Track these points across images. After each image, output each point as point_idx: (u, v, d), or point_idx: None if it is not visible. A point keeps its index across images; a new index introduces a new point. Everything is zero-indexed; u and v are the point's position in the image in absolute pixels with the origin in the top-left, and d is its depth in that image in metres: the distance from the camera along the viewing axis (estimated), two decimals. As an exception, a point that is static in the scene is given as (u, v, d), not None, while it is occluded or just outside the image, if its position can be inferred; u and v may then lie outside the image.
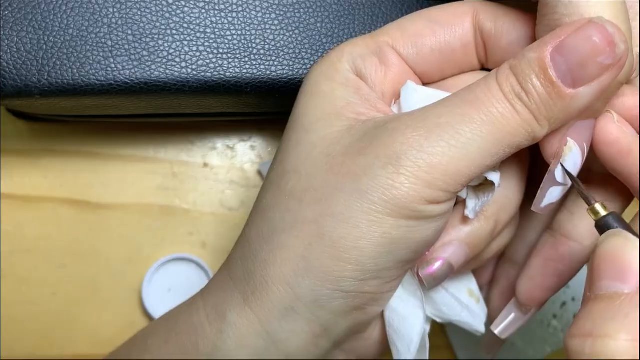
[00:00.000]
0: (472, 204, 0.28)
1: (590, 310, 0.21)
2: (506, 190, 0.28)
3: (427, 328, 0.31)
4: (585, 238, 0.29)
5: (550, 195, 0.26)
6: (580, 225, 0.29)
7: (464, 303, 0.31)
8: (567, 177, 0.26)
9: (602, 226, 0.24)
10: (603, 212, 0.24)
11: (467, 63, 0.28)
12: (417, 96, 0.28)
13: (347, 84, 0.27)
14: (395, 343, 0.28)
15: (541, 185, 0.26)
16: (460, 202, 0.28)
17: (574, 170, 0.26)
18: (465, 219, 0.28)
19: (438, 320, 0.31)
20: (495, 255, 0.31)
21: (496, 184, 0.27)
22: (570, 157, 0.25)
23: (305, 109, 0.28)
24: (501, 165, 0.28)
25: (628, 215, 0.30)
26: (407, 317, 0.28)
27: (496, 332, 0.32)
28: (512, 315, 0.32)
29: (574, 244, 0.29)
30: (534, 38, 0.26)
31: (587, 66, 0.23)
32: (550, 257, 0.30)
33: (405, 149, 0.25)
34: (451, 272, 0.28)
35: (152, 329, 0.31)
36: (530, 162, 0.30)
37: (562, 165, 0.25)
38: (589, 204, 0.25)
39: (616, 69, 0.23)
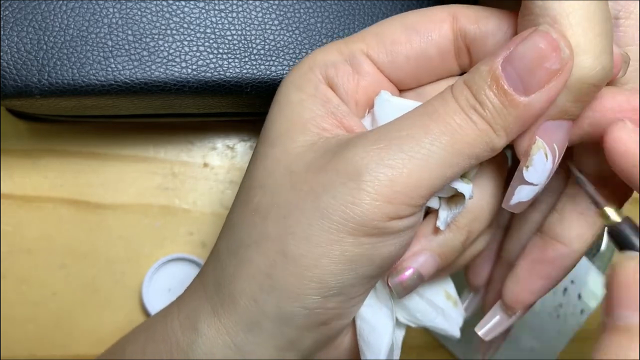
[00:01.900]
0: (443, 214, 0.28)
1: (611, 342, 0.21)
2: (480, 200, 0.28)
3: (401, 334, 0.31)
4: (574, 241, 0.29)
5: (519, 193, 0.26)
6: (569, 228, 0.29)
7: (439, 307, 0.31)
8: (537, 177, 0.26)
9: (614, 234, 0.24)
10: (615, 217, 0.24)
11: (445, 70, 0.28)
12: (390, 106, 0.27)
13: (316, 95, 0.27)
14: (364, 352, 0.29)
15: (510, 183, 0.27)
16: (433, 212, 0.28)
17: (544, 171, 0.26)
18: (437, 230, 0.28)
19: (413, 325, 0.31)
20: (469, 262, 0.31)
21: (467, 196, 0.27)
22: (539, 156, 0.25)
23: (273, 121, 0.28)
24: (475, 176, 0.28)
25: (628, 213, 0.29)
26: (376, 327, 0.28)
27: (480, 333, 0.32)
28: (496, 318, 0.31)
29: (563, 247, 0.29)
30: None
31: (535, 73, 0.24)
32: (538, 259, 0.30)
33: (366, 163, 0.25)
34: (421, 282, 0.28)
35: (132, 336, 0.32)
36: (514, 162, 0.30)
37: (572, 167, 0.25)
38: (598, 206, 0.24)
39: (564, 73, 0.24)
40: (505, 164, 0.29)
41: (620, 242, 0.24)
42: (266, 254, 0.26)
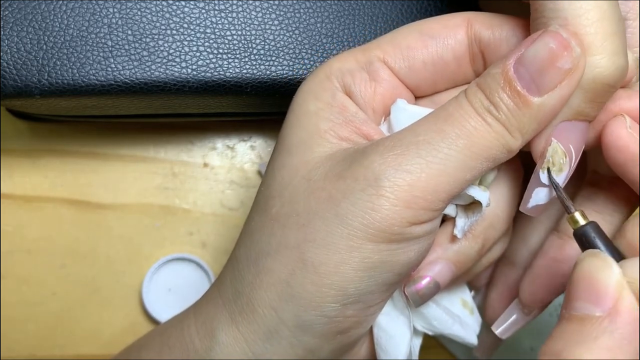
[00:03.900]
0: (461, 223, 0.28)
1: (563, 329, 0.22)
2: (495, 208, 0.28)
3: (419, 342, 0.31)
4: None
5: (537, 196, 0.26)
6: None
7: (456, 315, 0.31)
8: (555, 179, 0.26)
9: (579, 236, 0.25)
10: (582, 221, 0.25)
11: (460, 75, 0.28)
12: (406, 114, 0.27)
13: (333, 104, 0.27)
14: None
15: (527, 186, 0.27)
16: (449, 220, 0.29)
17: (561, 172, 0.26)
18: (453, 238, 0.28)
19: (430, 333, 0.31)
20: (486, 268, 0.31)
21: (484, 204, 0.27)
22: (556, 158, 0.25)
23: (290, 130, 0.28)
24: (491, 184, 0.28)
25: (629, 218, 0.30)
26: (394, 336, 0.29)
27: (497, 332, 0.32)
28: (514, 317, 0.32)
29: None
30: None
31: (548, 72, 0.24)
32: (555, 258, 0.30)
33: (384, 169, 0.25)
34: (437, 290, 0.28)
35: (146, 340, 0.32)
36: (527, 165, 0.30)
37: (548, 171, 0.26)
38: (569, 212, 0.25)
39: (576, 72, 0.24)
40: (520, 171, 0.29)
41: (585, 243, 0.24)
42: (286, 263, 0.26)
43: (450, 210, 0.28)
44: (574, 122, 0.25)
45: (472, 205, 0.28)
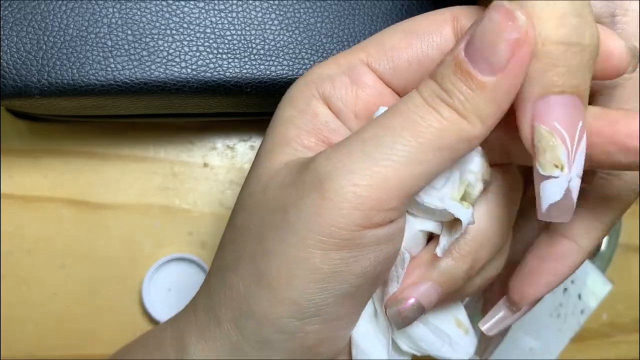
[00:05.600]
0: (443, 241, 0.26)
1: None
2: (487, 227, 0.27)
3: None
4: (581, 238, 0.29)
5: (546, 193, 0.24)
6: (576, 224, 0.29)
7: (446, 335, 0.29)
8: (555, 169, 0.23)
9: None
10: None
11: None
12: None
13: (306, 111, 0.26)
14: None
15: (534, 186, 0.25)
16: (437, 238, 0.27)
17: (556, 155, 0.23)
18: (435, 257, 0.26)
19: (417, 354, 0.29)
20: (481, 289, 0.29)
21: (464, 222, 0.25)
22: (543, 143, 0.23)
23: (265, 139, 0.27)
24: (481, 199, 0.27)
25: (630, 218, 0.29)
26: (370, 356, 0.27)
27: (483, 329, 0.31)
28: (501, 313, 0.31)
29: (570, 243, 0.29)
30: None
31: (497, 47, 0.22)
32: (545, 255, 0.29)
33: (328, 171, 0.23)
34: (422, 313, 0.27)
35: (130, 350, 0.31)
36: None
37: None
38: None
39: (526, 43, 0.22)
40: (518, 188, 0.28)
41: None
42: (244, 277, 0.25)
43: (433, 228, 0.27)
44: (551, 97, 0.23)
45: (456, 222, 0.26)
